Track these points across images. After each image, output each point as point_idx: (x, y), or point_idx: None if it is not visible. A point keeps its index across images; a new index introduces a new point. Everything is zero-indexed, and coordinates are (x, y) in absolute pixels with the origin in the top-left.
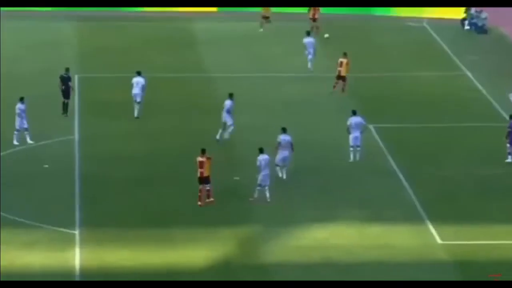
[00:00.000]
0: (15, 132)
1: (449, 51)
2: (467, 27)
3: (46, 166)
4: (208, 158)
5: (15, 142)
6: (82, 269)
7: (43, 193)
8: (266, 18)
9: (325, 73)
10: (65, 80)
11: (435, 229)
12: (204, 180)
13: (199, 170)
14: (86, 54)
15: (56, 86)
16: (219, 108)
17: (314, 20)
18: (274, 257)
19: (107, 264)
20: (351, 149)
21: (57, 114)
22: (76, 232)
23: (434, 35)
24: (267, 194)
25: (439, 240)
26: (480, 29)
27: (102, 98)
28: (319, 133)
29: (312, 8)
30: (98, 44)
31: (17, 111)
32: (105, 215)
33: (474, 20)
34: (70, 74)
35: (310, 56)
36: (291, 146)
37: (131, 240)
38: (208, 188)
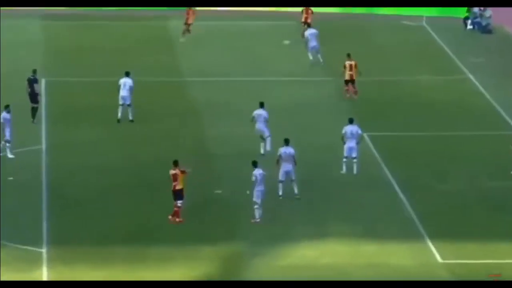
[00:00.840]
0: (7, 144)
1: (450, 53)
2: (469, 27)
3: (11, 178)
4: (182, 172)
5: None
6: None
7: (7, 208)
8: (188, 25)
9: (322, 76)
10: (32, 83)
11: (435, 247)
12: (177, 194)
13: (173, 183)
14: (55, 55)
15: (25, 90)
16: (199, 111)
17: (305, 24)
18: (259, 277)
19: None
20: (345, 159)
21: (27, 121)
22: (43, 250)
23: (434, 35)
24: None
25: (439, 259)
26: (484, 29)
27: (72, 103)
28: (314, 139)
29: (304, 11)
30: (69, 45)
31: (1, 120)
32: (75, 232)
33: (478, 19)
34: (38, 76)
35: (316, 49)
36: (294, 159)
37: (103, 259)
38: (179, 205)
